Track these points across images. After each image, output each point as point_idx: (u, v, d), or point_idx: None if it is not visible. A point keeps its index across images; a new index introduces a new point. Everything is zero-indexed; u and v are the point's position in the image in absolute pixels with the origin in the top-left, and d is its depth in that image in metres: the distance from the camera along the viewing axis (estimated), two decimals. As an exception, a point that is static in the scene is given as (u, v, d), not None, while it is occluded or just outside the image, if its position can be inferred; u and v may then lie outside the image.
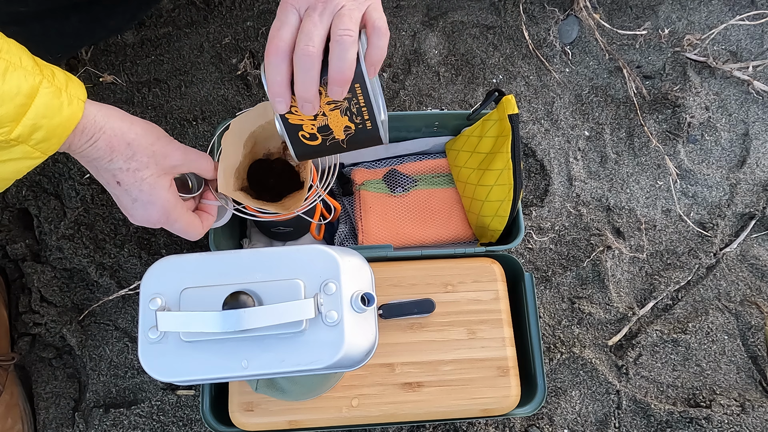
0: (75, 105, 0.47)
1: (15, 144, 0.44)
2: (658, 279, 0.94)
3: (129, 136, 0.51)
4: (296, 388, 0.65)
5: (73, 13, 0.75)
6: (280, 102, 0.51)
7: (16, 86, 0.42)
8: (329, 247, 0.51)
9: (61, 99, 0.46)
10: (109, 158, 0.51)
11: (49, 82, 0.45)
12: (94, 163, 0.52)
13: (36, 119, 0.44)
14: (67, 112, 0.46)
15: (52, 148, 0.47)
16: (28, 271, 0.90)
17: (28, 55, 0.45)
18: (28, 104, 0.43)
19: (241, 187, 0.68)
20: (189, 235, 0.60)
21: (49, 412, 0.86)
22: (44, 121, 0.44)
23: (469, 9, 1.06)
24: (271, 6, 1.04)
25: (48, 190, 0.94)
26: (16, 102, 0.42)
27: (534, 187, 0.99)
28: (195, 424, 0.86)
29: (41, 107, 0.44)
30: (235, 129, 0.67)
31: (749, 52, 1.06)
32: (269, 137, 0.70)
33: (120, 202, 0.55)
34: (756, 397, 0.88)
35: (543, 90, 1.03)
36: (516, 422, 0.86)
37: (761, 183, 0.99)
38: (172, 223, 0.57)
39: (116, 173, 0.52)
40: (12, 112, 0.42)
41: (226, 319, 0.45)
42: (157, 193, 0.54)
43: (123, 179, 0.52)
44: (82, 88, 0.48)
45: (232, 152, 0.66)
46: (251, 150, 0.69)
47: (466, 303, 0.74)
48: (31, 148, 0.45)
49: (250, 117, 0.67)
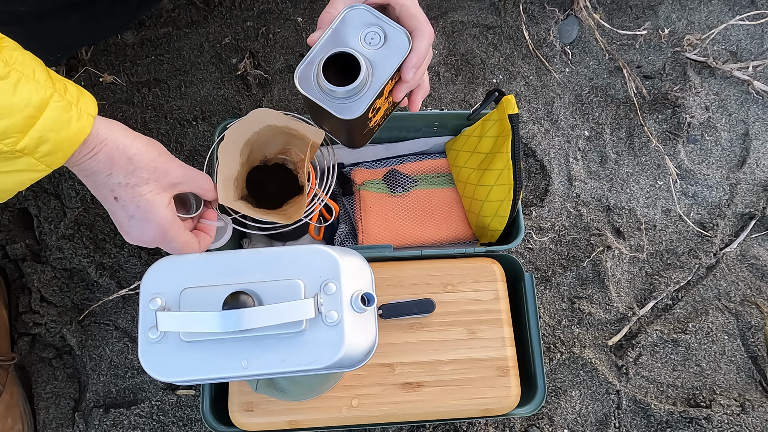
0: (84, 120, 0.47)
1: (20, 155, 0.44)
2: (658, 279, 0.94)
3: (130, 151, 0.50)
4: (296, 388, 0.65)
5: (73, 13, 0.75)
6: None
7: (27, 98, 0.43)
8: (329, 247, 0.51)
9: (70, 114, 0.45)
10: (109, 172, 0.50)
11: (60, 96, 0.45)
12: (92, 177, 0.51)
13: (43, 132, 0.44)
14: (76, 128, 0.46)
15: (58, 162, 0.47)
16: (28, 271, 0.90)
17: (42, 68, 0.45)
18: (36, 116, 0.43)
19: (241, 196, 0.68)
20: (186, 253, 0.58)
21: (49, 412, 0.86)
22: (51, 135, 0.44)
23: (469, 9, 1.06)
24: (271, 6, 1.04)
25: (48, 190, 0.94)
26: (25, 113, 0.43)
27: (534, 187, 0.99)
28: (195, 424, 0.86)
29: (49, 120, 0.44)
30: (231, 138, 0.67)
31: (749, 52, 1.06)
32: (265, 143, 0.70)
33: (116, 218, 0.54)
34: (756, 397, 0.88)
35: (543, 90, 1.03)
36: (516, 422, 0.86)
37: (761, 183, 0.99)
38: (169, 242, 0.56)
39: (114, 188, 0.51)
40: (20, 124, 0.42)
41: (226, 319, 0.45)
42: (155, 211, 0.53)
43: (121, 194, 0.51)
44: (93, 104, 0.48)
45: (230, 162, 0.66)
46: (248, 158, 0.69)
47: (466, 303, 0.74)
48: (36, 160, 0.45)
49: (245, 125, 0.67)
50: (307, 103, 0.58)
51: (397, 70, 0.55)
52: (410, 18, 0.56)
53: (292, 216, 0.66)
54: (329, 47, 0.55)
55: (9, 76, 0.42)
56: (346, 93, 0.54)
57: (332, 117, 0.55)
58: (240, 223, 0.69)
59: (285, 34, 1.02)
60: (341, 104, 0.55)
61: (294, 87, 1.00)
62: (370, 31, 0.55)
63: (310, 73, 0.55)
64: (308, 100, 0.56)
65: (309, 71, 0.55)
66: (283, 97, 0.99)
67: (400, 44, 0.55)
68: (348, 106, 0.55)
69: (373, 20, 0.56)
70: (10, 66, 0.42)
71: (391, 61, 0.55)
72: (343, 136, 0.64)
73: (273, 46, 1.02)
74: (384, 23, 0.55)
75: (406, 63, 0.55)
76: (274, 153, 0.72)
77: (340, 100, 0.55)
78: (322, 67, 0.54)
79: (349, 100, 0.55)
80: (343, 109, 0.55)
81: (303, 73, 0.55)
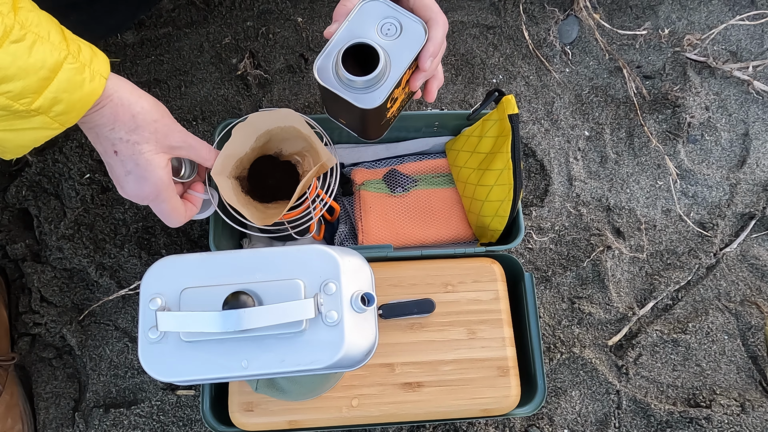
0: (96, 82, 0.48)
1: (35, 114, 0.46)
2: (658, 279, 0.94)
3: (135, 109, 0.52)
4: (296, 388, 0.65)
5: (73, 12, 0.75)
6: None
7: (42, 60, 0.44)
8: (329, 247, 0.51)
9: (83, 75, 0.47)
10: (111, 126, 0.51)
11: (74, 58, 0.46)
12: (95, 129, 0.52)
13: (57, 93, 0.45)
14: (89, 89, 0.47)
15: (71, 121, 0.48)
16: (28, 271, 0.90)
17: (57, 28, 0.47)
18: (51, 78, 0.45)
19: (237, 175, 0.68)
20: (171, 219, 0.60)
21: (49, 412, 0.86)
22: (65, 95, 0.46)
23: (469, 9, 1.06)
24: (271, 6, 1.04)
25: (48, 190, 0.94)
26: (40, 75, 0.44)
27: (534, 187, 0.99)
28: (195, 424, 0.86)
29: (63, 82, 0.45)
30: (253, 121, 0.67)
31: (749, 52, 1.06)
32: (285, 139, 0.70)
33: (113, 172, 0.55)
34: (756, 397, 0.88)
35: (543, 90, 1.03)
36: (516, 422, 0.86)
37: (761, 183, 0.99)
38: (160, 203, 0.57)
39: (116, 143, 0.52)
40: (35, 85, 0.44)
41: (226, 319, 0.45)
42: (153, 170, 0.54)
43: (121, 150, 0.53)
44: (106, 64, 0.50)
45: (242, 142, 0.67)
46: (263, 145, 0.69)
47: (466, 303, 0.74)
48: (50, 119, 0.47)
49: (272, 116, 0.68)
50: (324, 96, 0.59)
51: (414, 59, 0.56)
52: (424, 8, 0.58)
53: (271, 217, 0.66)
54: (347, 39, 0.56)
55: (25, 38, 0.43)
56: (365, 83, 0.55)
57: (351, 108, 0.56)
58: (241, 224, 0.69)
59: (285, 34, 1.02)
60: (361, 94, 0.56)
61: (294, 87, 1.00)
62: (386, 22, 0.57)
63: (328, 64, 0.56)
64: (327, 92, 0.56)
65: (327, 63, 0.56)
66: (283, 97, 0.99)
67: (417, 34, 0.56)
68: (367, 96, 0.56)
69: (388, 11, 0.57)
70: (26, 28, 0.43)
71: (409, 51, 0.56)
72: (359, 127, 0.65)
73: (273, 46, 1.02)
74: (399, 14, 0.57)
75: (423, 52, 0.56)
76: (289, 152, 0.72)
77: (359, 90, 0.56)
78: (341, 58, 0.55)
79: (369, 90, 0.56)
80: (362, 99, 0.56)
81: (322, 64, 0.56)
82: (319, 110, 0.99)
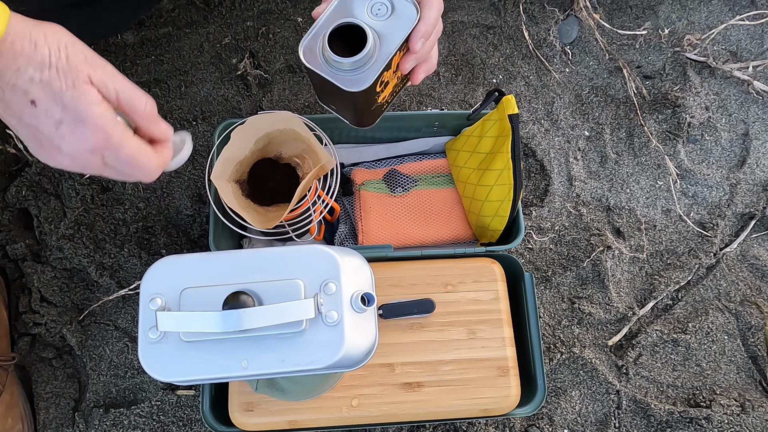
0: None
1: None
2: (658, 279, 0.94)
3: (34, 35, 0.40)
4: (296, 388, 0.65)
5: (74, 12, 0.75)
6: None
7: None
8: (329, 247, 0.51)
9: None
10: (15, 67, 0.40)
11: None
12: None
13: None
14: None
15: None
16: (28, 271, 0.90)
17: None
18: None
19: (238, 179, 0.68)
20: (142, 167, 0.46)
21: (49, 412, 0.86)
22: None
23: (469, 9, 1.06)
24: (271, 6, 1.04)
25: (48, 190, 0.94)
26: None
27: (534, 187, 0.99)
28: (195, 424, 0.86)
29: None
30: (252, 125, 0.67)
31: (749, 52, 1.06)
32: (284, 142, 0.70)
33: (41, 133, 0.42)
34: (756, 397, 0.88)
35: (543, 90, 1.03)
36: (516, 422, 0.86)
37: (761, 183, 0.99)
38: (117, 151, 0.43)
39: (28, 89, 0.40)
40: None
41: (226, 319, 0.45)
42: (86, 107, 0.41)
43: (38, 96, 0.40)
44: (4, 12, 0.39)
45: (241, 146, 0.66)
46: (263, 148, 0.69)
47: (466, 303, 0.74)
48: None
49: (271, 119, 0.67)
50: (313, 80, 0.57)
51: (405, 41, 0.54)
52: None
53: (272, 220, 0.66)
54: (335, 19, 0.53)
55: None
56: (352, 64, 0.53)
57: (339, 91, 0.54)
58: (241, 227, 0.69)
59: (285, 34, 1.02)
60: (348, 77, 0.53)
61: (294, 87, 1.00)
62: (376, 2, 0.54)
63: (315, 46, 0.54)
64: (314, 75, 0.54)
65: (314, 44, 0.54)
66: (283, 97, 0.99)
67: (408, 14, 0.54)
68: (355, 78, 0.53)
69: None
70: None
71: (399, 32, 0.54)
72: (350, 113, 0.63)
73: (273, 46, 1.02)
74: None
75: (414, 33, 0.54)
76: (289, 154, 0.72)
77: (346, 72, 0.53)
78: (328, 39, 0.52)
79: (356, 72, 0.53)
80: (349, 82, 0.53)
81: (308, 46, 0.53)
82: (320, 110, 0.99)
